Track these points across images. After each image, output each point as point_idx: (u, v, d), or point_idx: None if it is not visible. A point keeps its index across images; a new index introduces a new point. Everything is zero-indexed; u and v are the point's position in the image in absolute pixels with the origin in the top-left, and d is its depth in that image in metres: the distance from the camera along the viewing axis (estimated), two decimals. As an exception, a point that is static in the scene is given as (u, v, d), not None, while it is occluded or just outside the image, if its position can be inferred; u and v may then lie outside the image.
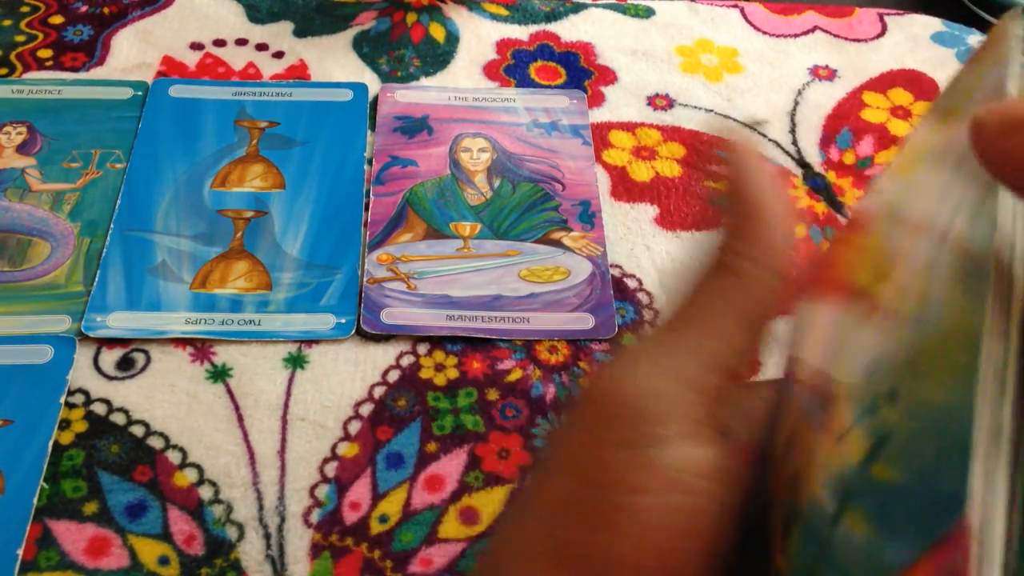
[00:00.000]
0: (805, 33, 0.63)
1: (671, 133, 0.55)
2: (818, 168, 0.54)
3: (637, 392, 0.18)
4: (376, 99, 0.56)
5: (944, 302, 0.16)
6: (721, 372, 0.19)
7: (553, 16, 0.63)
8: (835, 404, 0.18)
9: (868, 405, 0.17)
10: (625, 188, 0.52)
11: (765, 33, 0.62)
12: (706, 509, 0.18)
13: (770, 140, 0.56)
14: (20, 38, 0.58)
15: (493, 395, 0.43)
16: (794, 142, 0.56)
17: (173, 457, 0.41)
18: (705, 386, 0.19)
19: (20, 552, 0.37)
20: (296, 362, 0.44)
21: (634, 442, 0.18)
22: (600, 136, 0.55)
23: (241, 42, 0.59)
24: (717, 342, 0.19)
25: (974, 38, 0.62)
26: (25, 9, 0.60)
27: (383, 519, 0.40)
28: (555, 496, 0.19)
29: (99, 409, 0.42)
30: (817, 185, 0.53)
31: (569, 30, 0.62)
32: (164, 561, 0.38)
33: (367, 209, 0.50)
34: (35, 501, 0.39)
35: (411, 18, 0.61)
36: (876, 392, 0.17)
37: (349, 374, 0.44)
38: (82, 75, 0.56)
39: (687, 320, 0.20)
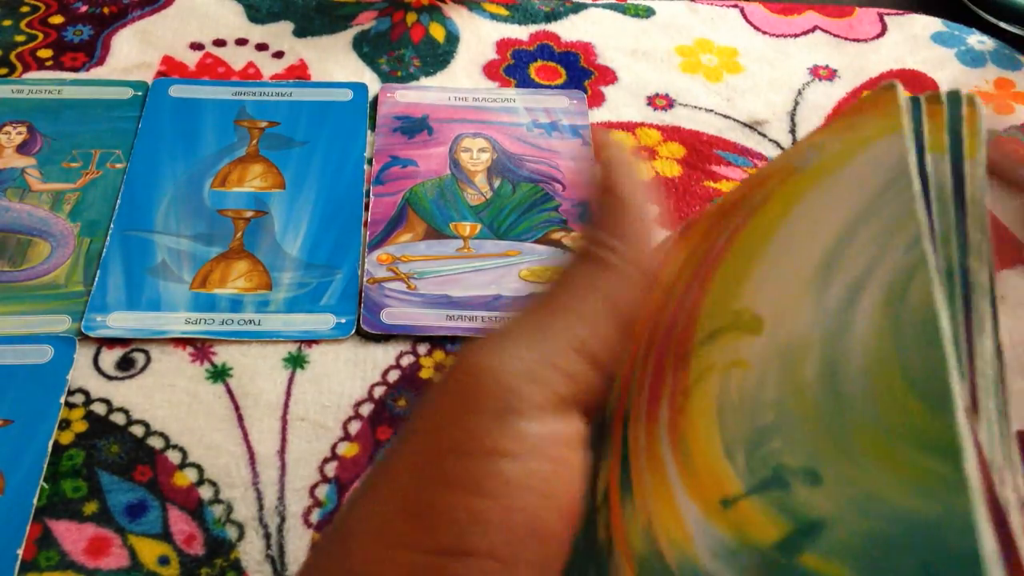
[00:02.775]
0: (805, 33, 0.63)
1: (671, 133, 0.55)
2: (818, 168, 0.54)
3: (502, 367, 0.19)
4: (376, 99, 0.56)
5: (877, 389, 0.15)
6: (585, 357, 0.19)
7: (553, 16, 0.63)
8: (693, 449, 0.18)
9: (768, 477, 0.16)
10: (625, 188, 0.52)
11: (765, 33, 0.62)
12: (568, 477, 0.19)
13: (770, 140, 0.56)
14: (20, 38, 0.58)
15: (493, 395, 0.43)
16: (794, 142, 0.56)
17: (173, 457, 0.41)
18: (569, 368, 0.19)
19: (20, 552, 0.37)
20: (296, 362, 0.44)
21: (497, 411, 0.18)
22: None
23: (241, 42, 0.59)
24: (582, 327, 0.20)
25: (974, 38, 0.63)
26: (25, 9, 0.60)
27: (383, 519, 0.40)
28: (414, 460, 0.19)
29: (99, 409, 0.42)
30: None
31: (569, 30, 0.62)
32: (164, 561, 0.38)
33: (367, 209, 0.50)
34: (35, 501, 0.39)
35: (411, 18, 0.61)
36: (778, 463, 0.16)
37: (349, 374, 0.44)
38: (82, 75, 0.56)
39: (553, 304, 0.20)
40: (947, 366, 0.14)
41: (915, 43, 0.62)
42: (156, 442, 0.41)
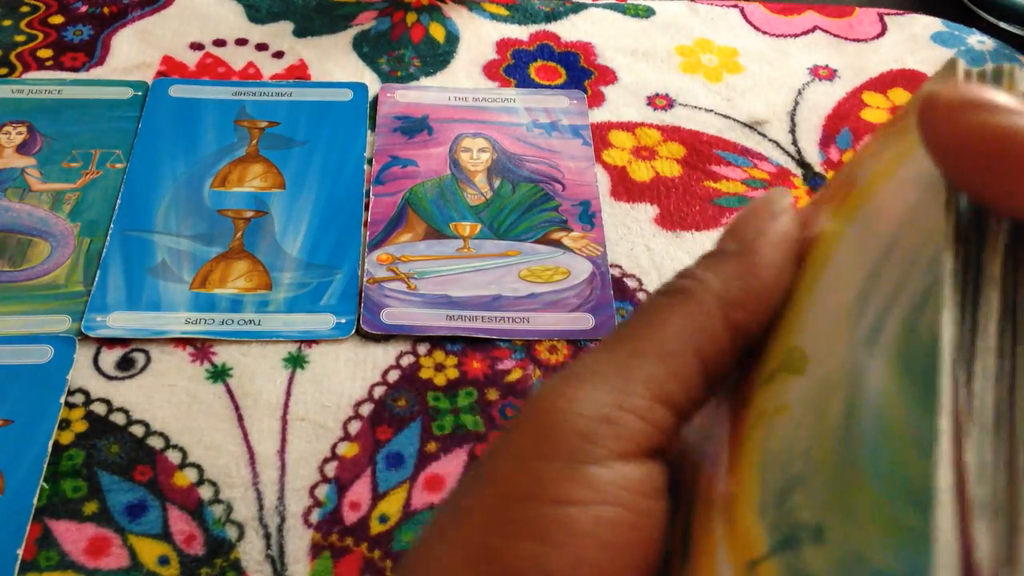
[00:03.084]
0: (805, 33, 0.63)
1: (671, 133, 0.55)
2: (818, 168, 0.54)
3: (578, 409, 0.18)
4: (376, 99, 0.56)
5: (880, 432, 0.14)
6: (664, 401, 0.18)
7: (553, 16, 0.63)
8: (738, 503, 0.17)
9: (786, 536, 0.15)
10: (625, 188, 0.52)
11: (765, 33, 0.62)
12: (641, 524, 0.18)
13: (770, 140, 0.56)
14: (20, 38, 0.58)
15: (493, 395, 0.43)
16: (794, 142, 0.56)
17: (173, 457, 0.41)
18: (647, 413, 0.18)
19: (20, 552, 0.37)
20: (296, 362, 0.44)
21: (571, 457, 0.18)
22: (600, 136, 0.55)
23: (241, 42, 0.59)
24: (660, 367, 0.19)
25: (974, 38, 0.63)
26: (25, 9, 0.60)
27: (383, 519, 0.40)
28: (483, 505, 0.18)
29: (99, 409, 0.42)
30: (817, 185, 0.53)
31: (569, 30, 0.62)
32: (164, 561, 0.38)
33: (367, 209, 0.50)
34: (35, 501, 0.39)
35: (411, 18, 0.61)
36: (796, 520, 0.15)
37: (349, 374, 0.44)
38: (82, 75, 0.56)
39: (632, 342, 0.19)
40: (937, 408, 0.13)
41: (915, 43, 0.62)
42: (156, 442, 0.41)
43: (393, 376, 0.44)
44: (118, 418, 0.42)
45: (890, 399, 0.14)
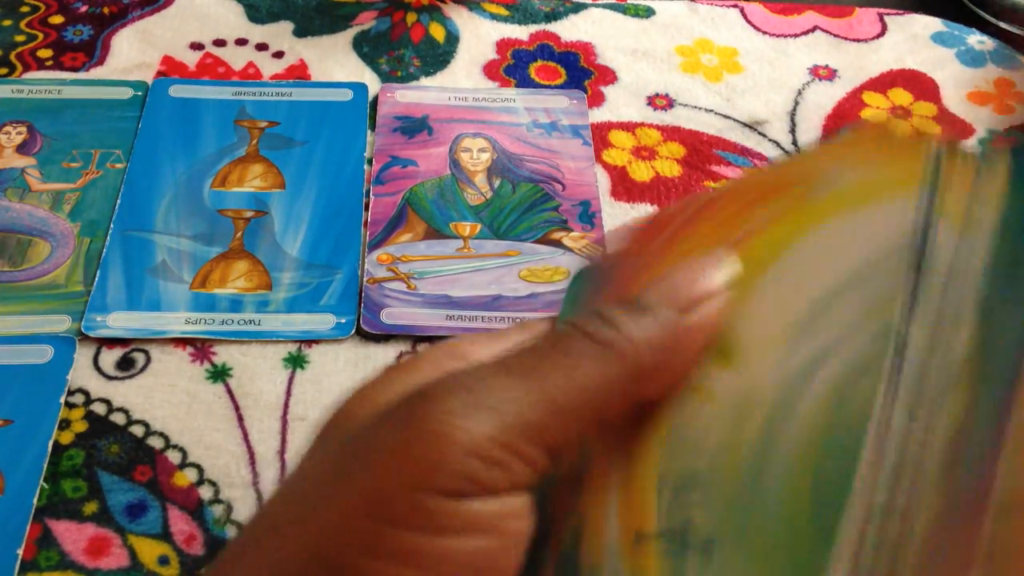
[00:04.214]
0: (805, 33, 0.63)
1: (671, 133, 0.55)
2: (818, 168, 0.54)
3: (469, 444, 0.18)
4: (376, 99, 0.56)
5: (787, 488, 0.14)
6: (544, 447, 0.18)
7: (553, 16, 0.63)
8: (639, 465, 0.17)
9: (677, 527, 0.16)
10: (625, 188, 0.52)
11: (765, 33, 0.62)
12: (510, 547, 0.18)
13: (770, 140, 0.56)
14: (20, 38, 0.58)
15: (493, 395, 0.43)
16: (794, 142, 0.56)
17: (173, 457, 0.41)
18: (529, 454, 0.18)
19: (20, 552, 0.37)
20: (296, 362, 0.44)
21: (455, 491, 0.18)
22: (600, 136, 0.55)
23: (241, 42, 0.59)
24: (550, 414, 0.18)
25: (974, 38, 0.63)
26: (25, 9, 0.60)
27: (383, 519, 0.40)
28: (346, 519, 0.18)
29: (99, 409, 0.42)
30: (817, 185, 0.53)
31: (569, 30, 0.62)
32: (164, 561, 0.38)
33: (367, 209, 0.50)
34: (35, 501, 0.39)
35: (411, 18, 0.61)
36: (689, 517, 0.15)
37: (349, 374, 0.44)
38: (82, 75, 0.56)
39: (530, 376, 0.19)
40: (845, 504, 0.13)
41: (915, 43, 0.62)
42: (156, 442, 0.41)
43: (393, 376, 0.44)
44: (118, 418, 0.42)
45: (804, 465, 0.14)
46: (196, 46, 0.59)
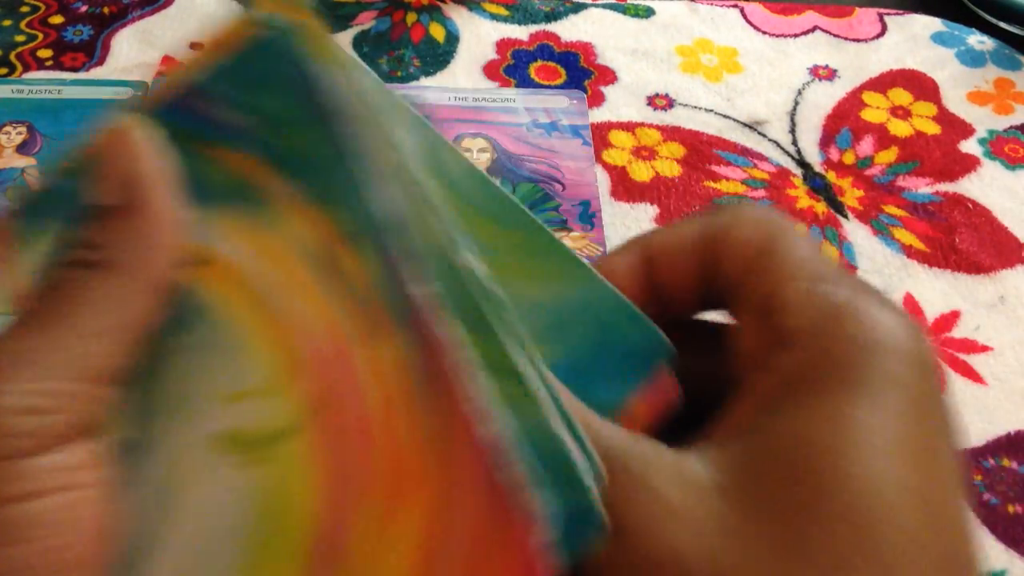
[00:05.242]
0: (805, 33, 0.63)
1: (671, 133, 0.55)
2: (818, 168, 0.54)
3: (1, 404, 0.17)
4: (376, 99, 0.56)
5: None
6: (89, 377, 0.18)
7: (553, 16, 0.63)
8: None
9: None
10: (625, 188, 0.52)
11: (765, 33, 0.63)
12: (94, 496, 0.18)
13: (770, 140, 0.56)
14: (20, 38, 0.58)
15: (493, 395, 0.43)
16: (794, 142, 0.56)
17: (173, 457, 0.41)
18: (75, 392, 0.18)
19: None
20: (296, 362, 0.44)
21: (3, 455, 0.17)
22: (600, 136, 0.55)
23: (241, 42, 0.59)
24: (80, 344, 0.18)
25: (974, 38, 0.63)
26: (25, 9, 0.60)
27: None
28: None
29: (99, 409, 0.42)
30: (817, 185, 0.53)
31: (569, 30, 0.62)
32: (164, 561, 0.38)
33: (367, 209, 0.50)
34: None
35: (411, 18, 0.61)
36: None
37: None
38: (82, 75, 0.56)
39: (43, 325, 0.18)
40: None
41: (915, 43, 0.62)
42: None
43: (393, 376, 0.44)
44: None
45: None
46: (196, 46, 0.59)
